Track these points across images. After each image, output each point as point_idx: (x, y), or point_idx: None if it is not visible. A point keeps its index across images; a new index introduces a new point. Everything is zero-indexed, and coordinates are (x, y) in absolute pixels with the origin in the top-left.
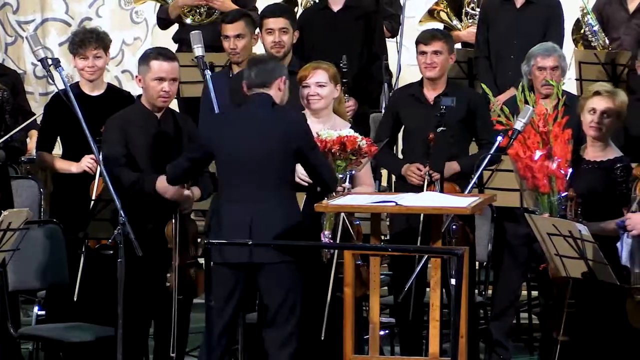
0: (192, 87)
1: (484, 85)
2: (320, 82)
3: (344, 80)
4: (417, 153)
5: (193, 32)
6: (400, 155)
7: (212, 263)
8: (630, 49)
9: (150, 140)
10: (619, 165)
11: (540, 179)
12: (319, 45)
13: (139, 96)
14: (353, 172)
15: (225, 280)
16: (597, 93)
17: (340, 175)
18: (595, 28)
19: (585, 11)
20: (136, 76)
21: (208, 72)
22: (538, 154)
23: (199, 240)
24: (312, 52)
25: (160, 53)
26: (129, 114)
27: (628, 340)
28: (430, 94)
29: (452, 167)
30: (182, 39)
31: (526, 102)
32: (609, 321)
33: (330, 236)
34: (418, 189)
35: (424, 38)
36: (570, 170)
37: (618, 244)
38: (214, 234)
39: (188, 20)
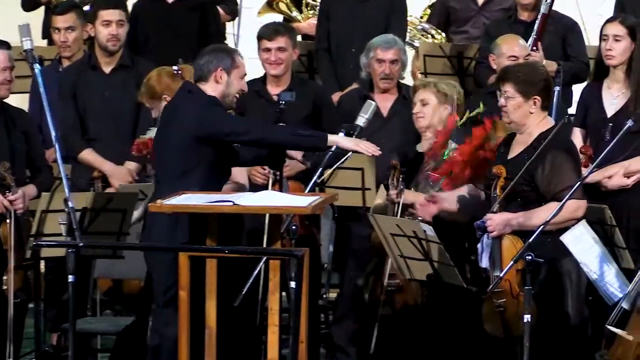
0: (20, 82)
1: None
2: None
3: None
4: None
5: (21, 24)
6: None
7: None
8: (477, 41)
9: None
10: None
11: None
12: (153, 38)
13: None
14: None
15: None
16: (418, 85)
17: None
18: (426, 25)
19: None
20: None
21: (37, 66)
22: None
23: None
24: (145, 45)
25: (2, 42)
26: None
27: (481, 345)
28: (273, 90)
29: (298, 165)
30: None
31: None
32: (463, 325)
33: None
34: (263, 188)
35: (267, 34)
36: None
37: (478, 246)
38: None
39: None
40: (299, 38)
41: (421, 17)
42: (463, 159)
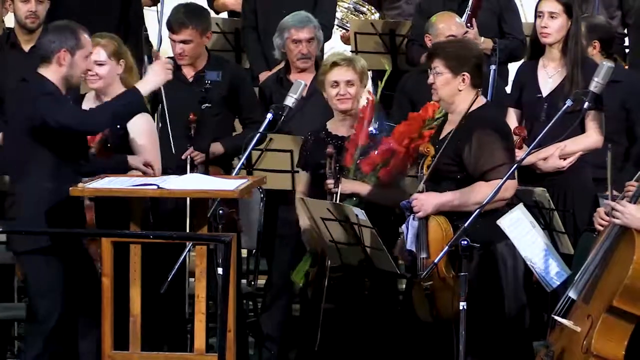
0: None
1: None
2: (98, 60)
3: None
4: (178, 135)
5: None
6: None
7: None
8: (411, 18)
9: None
10: None
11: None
12: (73, 16)
13: None
14: None
15: None
16: (334, 64)
17: None
18: (358, 4)
19: None
20: None
21: None
22: None
23: None
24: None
25: None
26: None
27: (413, 331)
28: (189, 70)
29: (215, 149)
30: None
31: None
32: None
33: None
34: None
35: (171, 26)
36: None
37: (403, 227)
38: None
39: None
40: (225, 15)
41: None
42: (400, 146)
